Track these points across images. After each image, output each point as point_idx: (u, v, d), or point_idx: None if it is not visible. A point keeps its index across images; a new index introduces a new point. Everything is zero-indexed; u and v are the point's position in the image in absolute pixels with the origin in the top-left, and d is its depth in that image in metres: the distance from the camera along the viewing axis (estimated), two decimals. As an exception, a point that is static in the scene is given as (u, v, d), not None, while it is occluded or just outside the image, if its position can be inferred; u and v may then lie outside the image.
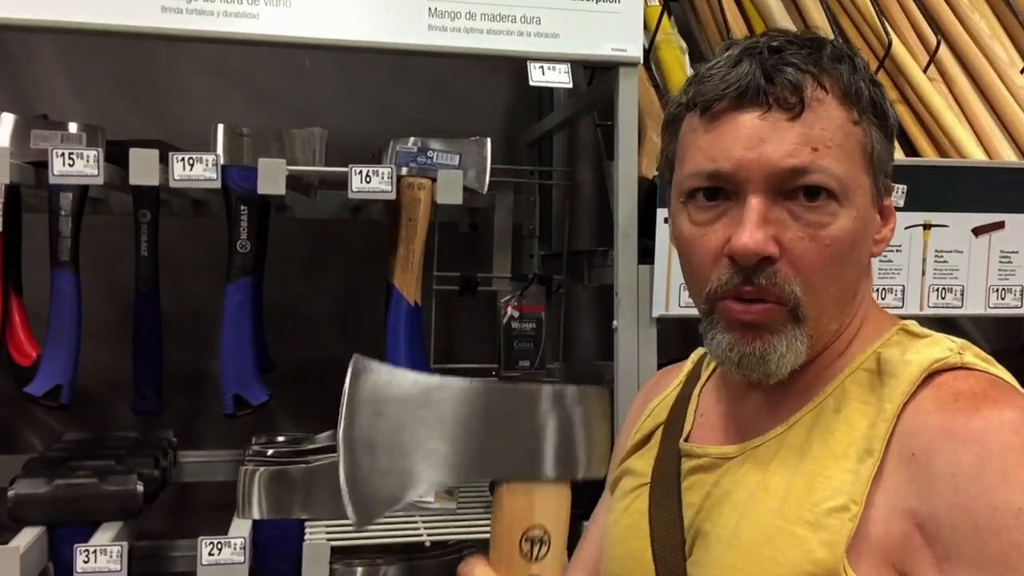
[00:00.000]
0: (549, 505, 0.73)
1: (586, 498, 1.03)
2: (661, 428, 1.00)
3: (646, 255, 1.47)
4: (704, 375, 1.02)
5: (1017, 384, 0.83)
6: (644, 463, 0.98)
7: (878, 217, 0.87)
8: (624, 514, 0.98)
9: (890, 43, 1.65)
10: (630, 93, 1.49)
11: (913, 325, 0.89)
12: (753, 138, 0.81)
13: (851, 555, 0.77)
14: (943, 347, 0.83)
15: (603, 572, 0.99)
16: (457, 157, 1.56)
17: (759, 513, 0.83)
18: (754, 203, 0.81)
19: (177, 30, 1.34)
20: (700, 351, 1.05)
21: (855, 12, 1.75)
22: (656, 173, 1.44)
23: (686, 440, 0.95)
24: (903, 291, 1.50)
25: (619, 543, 0.97)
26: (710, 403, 0.98)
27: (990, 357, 0.85)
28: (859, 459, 0.80)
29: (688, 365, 1.06)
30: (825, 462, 0.82)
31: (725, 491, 0.88)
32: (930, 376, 0.81)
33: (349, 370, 0.73)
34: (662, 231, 1.44)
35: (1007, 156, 1.59)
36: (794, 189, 0.81)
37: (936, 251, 1.50)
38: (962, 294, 1.51)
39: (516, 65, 1.45)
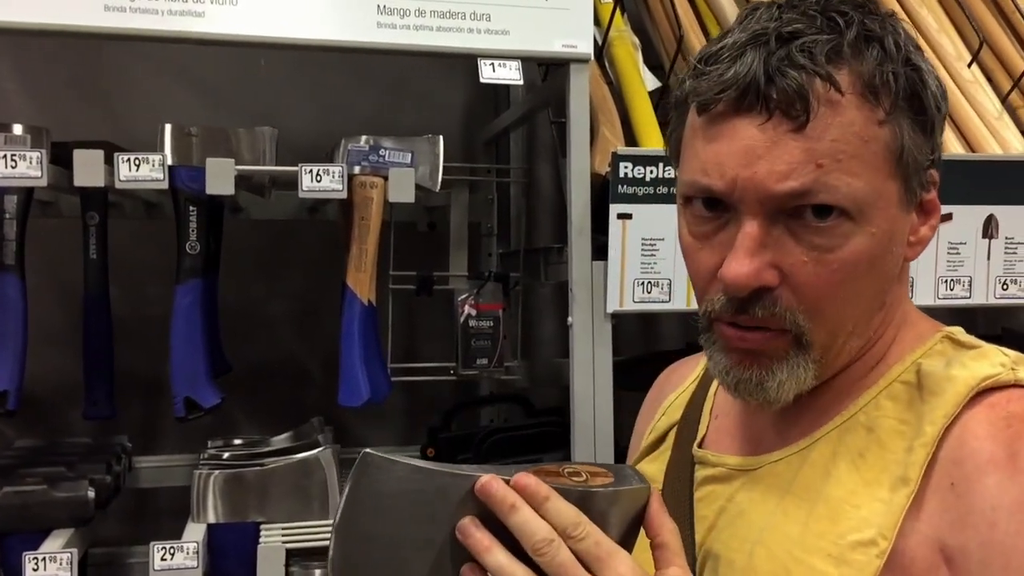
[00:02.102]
0: None
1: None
2: (675, 430, 0.92)
3: (600, 251, 1.47)
4: None
5: None
6: (657, 467, 0.91)
7: (913, 217, 0.76)
8: None
9: (839, 38, 1.67)
10: (581, 90, 1.49)
11: (959, 333, 0.80)
12: (749, 154, 0.71)
13: None
14: (993, 361, 0.74)
15: None
16: (409, 155, 1.55)
17: (776, 540, 0.75)
18: (749, 227, 0.71)
19: (121, 29, 1.33)
20: None
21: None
22: (608, 169, 1.45)
23: (700, 445, 0.88)
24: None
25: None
26: (726, 405, 0.89)
27: None
28: (892, 487, 0.72)
29: (704, 359, 0.94)
30: (853, 488, 0.73)
31: (740, 510, 0.80)
32: (979, 395, 0.72)
33: (356, 463, 0.68)
34: (615, 227, 1.44)
35: (954, 149, 1.61)
36: (796, 208, 0.71)
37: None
38: (912, 286, 1.52)
39: (471, 63, 1.45)
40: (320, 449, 1.57)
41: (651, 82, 1.68)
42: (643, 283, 1.46)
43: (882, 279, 0.76)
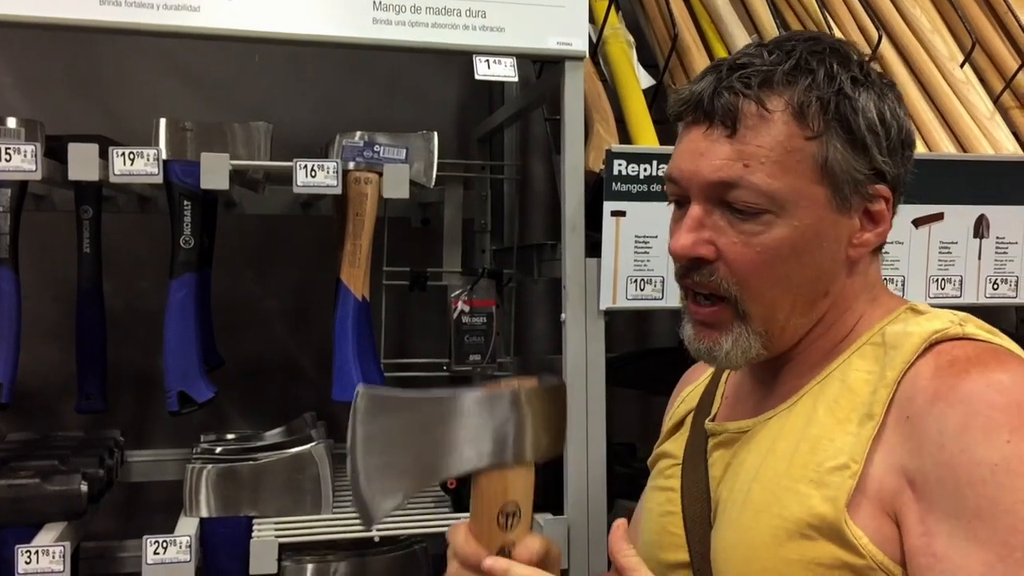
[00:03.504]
0: (519, 484, 0.86)
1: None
2: (692, 413, 1.08)
3: (594, 248, 1.48)
4: None
5: (1021, 352, 0.88)
6: (677, 446, 1.07)
7: (855, 222, 0.92)
8: (658, 492, 1.06)
9: (833, 36, 1.67)
10: (576, 87, 1.50)
11: (921, 305, 0.96)
12: (695, 152, 0.91)
13: (851, 508, 0.84)
14: (944, 319, 0.89)
15: (640, 546, 1.04)
16: (404, 151, 1.55)
17: (767, 476, 0.90)
18: (693, 210, 0.91)
19: (116, 23, 1.32)
20: None
21: (799, 7, 1.78)
22: (602, 167, 1.45)
23: (713, 420, 1.03)
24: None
25: (654, 519, 1.04)
26: (733, 388, 1.06)
27: (995, 329, 0.91)
28: (860, 423, 0.86)
29: None
30: (829, 426, 0.88)
31: (740, 461, 0.95)
32: (931, 346, 0.87)
33: (355, 401, 0.84)
34: (609, 224, 1.45)
35: (946, 148, 1.62)
36: (729, 200, 0.89)
37: (877, 243, 1.52)
38: (903, 284, 1.53)
39: (467, 59, 1.45)
40: (313, 444, 1.58)
41: (645, 80, 1.69)
42: (636, 280, 1.46)
43: (813, 268, 0.91)
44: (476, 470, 0.85)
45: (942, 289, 1.56)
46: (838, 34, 1.71)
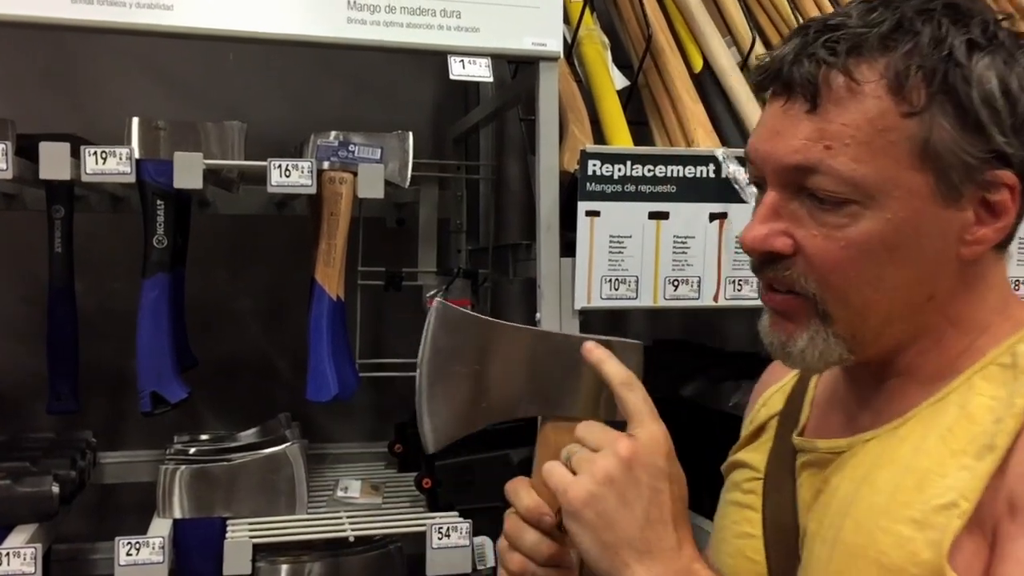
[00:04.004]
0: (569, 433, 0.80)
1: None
2: (776, 419, 0.95)
3: (568, 248, 1.48)
4: None
5: None
6: (758, 456, 0.94)
7: (967, 215, 0.77)
8: (734, 508, 0.94)
9: (805, 39, 1.69)
10: (551, 87, 1.50)
11: None
12: (772, 130, 0.78)
13: (952, 549, 0.72)
14: None
15: (718, 566, 0.94)
16: (379, 151, 1.55)
17: (863, 512, 0.78)
18: (768, 198, 0.79)
19: (87, 21, 1.31)
20: None
21: (771, 8, 1.79)
22: (577, 167, 1.46)
23: (801, 433, 0.91)
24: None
25: (728, 540, 0.93)
26: (826, 394, 0.92)
27: None
28: (978, 455, 0.74)
29: None
30: (941, 459, 0.76)
31: (833, 488, 0.83)
32: None
33: (431, 313, 0.81)
34: (583, 224, 1.45)
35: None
36: (808, 188, 0.77)
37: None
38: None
39: (442, 59, 1.45)
40: (287, 444, 1.57)
41: (620, 81, 1.70)
42: (610, 280, 1.47)
43: (912, 268, 0.78)
44: (544, 418, 0.82)
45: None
46: (810, 36, 1.72)
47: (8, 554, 1.32)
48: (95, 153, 1.34)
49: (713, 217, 1.49)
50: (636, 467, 0.74)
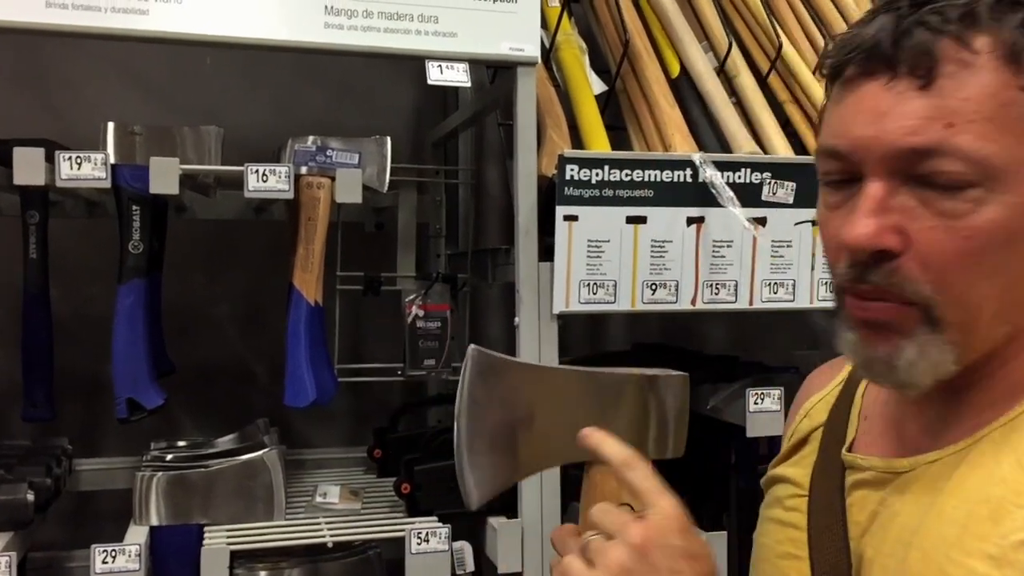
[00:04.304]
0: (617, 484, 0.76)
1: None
2: (820, 432, 0.89)
3: (547, 252, 1.49)
4: None
5: None
6: (801, 471, 0.88)
7: None
8: (776, 527, 0.88)
9: (780, 45, 1.71)
10: (528, 92, 1.51)
11: None
12: (874, 112, 0.69)
13: None
14: None
15: None
16: (357, 156, 1.55)
17: (931, 543, 0.71)
18: (872, 189, 0.69)
19: (62, 26, 1.31)
20: None
21: (747, 14, 1.80)
22: (555, 171, 1.46)
23: (849, 449, 0.84)
24: (794, 285, 1.54)
25: (771, 560, 0.87)
26: (876, 406, 0.85)
27: None
28: None
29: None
30: (1018, 488, 0.68)
31: (893, 512, 0.76)
32: None
33: (467, 361, 0.77)
34: (562, 229, 1.46)
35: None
36: (923, 174, 0.68)
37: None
38: None
39: (420, 64, 1.45)
40: (265, 450, 1.57)
41: (598, 86, 1.70)
42: (589, 284, 1.48)
43: (1019, 257, 0.70)
44: (590, 463, 0.76)
45: None
46: (785, 41, 1.74)
47: (-18, 563, 1.31)
48: (70, 158, 1.33)
49: (690, 221, 1.50)
50: (651, 552, 0.69)
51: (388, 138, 1.59)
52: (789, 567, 0.83)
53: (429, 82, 1.45)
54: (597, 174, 1.46)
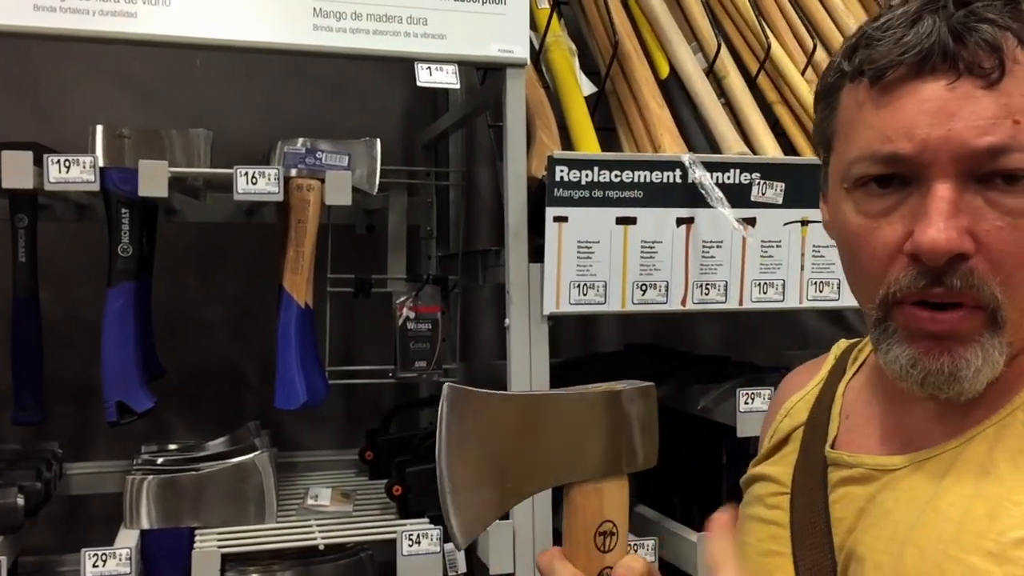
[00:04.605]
0: (616, 500, 0.76)
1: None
2: (801, 430, 0.89)
3: (537, 254, 1.49)
4: (850, 372, 0.91)
5: None
6: (782, 469, 0.88)
7: None
8: (758, 524, 0.88)
9: (769, 46, 1.71)
10: (518, 94, 1.51)
11: None
12: (941, 112, 0.68)
13: None
14: None
15: None
16: (346, 158, 1.55)
17: (928, 540, 0.71)
18: (942, 191, 0.68)
19: (50, 29, 1.30)
20: (843, 344, 0.96)
21: (736, 16, 1.81)
22: (545, 173, 1.46)
23: (832, 446, 0.84)
24: (783, 285, 1.55)
25: (753, 558, 0.86)
26: (858, 405, 0.86)
27: None
28: None
29: (830, 360, 0.95)
30: (1014, 485, 0.69)
31: (885, 510, 0.76)
32: None
33: (442, 400, 0.75)
34: (552, 230, 1.46)
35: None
36: (989, 172, 0.68)
37: (814, 246, 1.56)
38: (839, 287, 1.56)
39: (410, 66, 1.45)
40: (256, 453, 1.57)
41: (587, 87, 1.71)
42: (579, 285, 1.48)
43: None
44: (574, 482, 0.76)
45: None
46: (774, 42, 1.74)
47: (-28, 568, 1.30)
48: (58, 162, 1.33)
49: (680, 222, 1.50)
50: None
51: (378, 140, 1.59)
52: (772, 564, 0.83)
53: (418, 84, 1.45)
54: (587, 175, 1.46)
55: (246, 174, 1.40)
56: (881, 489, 0.77)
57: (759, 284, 1.54)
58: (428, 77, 1.45)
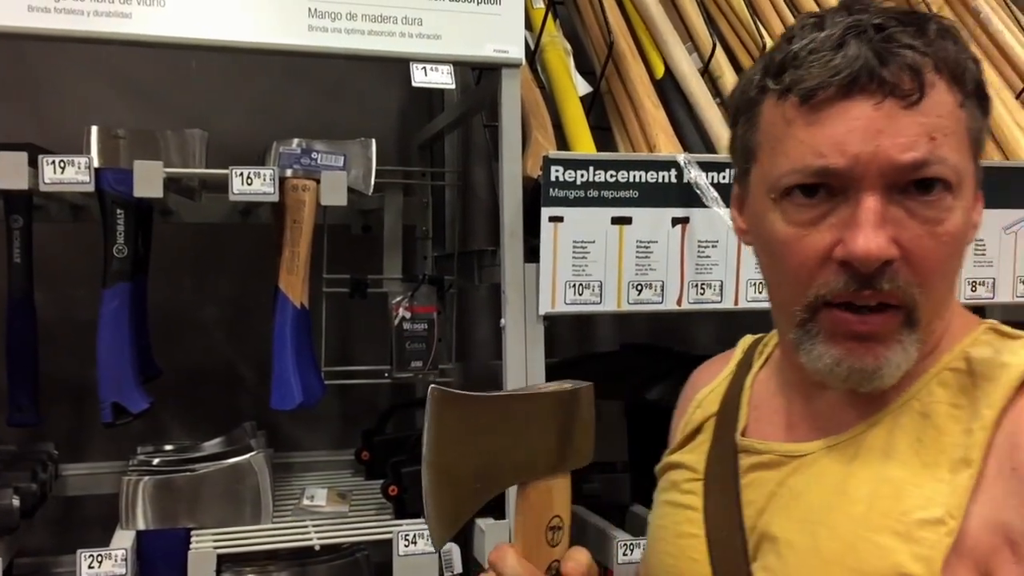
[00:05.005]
0: (563, 496, 0.80)
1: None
2: (713, 421, 0.95)
3: (533, 254, 1.49)
4: (756, 364, 0.97)
5: None
6: (696, 457, 0.94)
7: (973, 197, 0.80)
8: (673, 509, 0.93)
9: (764, 45, 1.71)
10: (513, 94, 1.51)
11: (1001, 325, 0.83)
12: (869, 130, 0.73)
13: (944, 569, 0.72)
14: None
15: (651, 568, 0.94)
16: (342, 158, 1.55)
17: (839, 520, 0.77)
18: (872, 203, 0.74)
19: (44, 30, 1.30)
20: (748, 339, 1.02)
21: (731, 14, 1.81)
22: (540, 173, 1.46)
23: (743, 435, 0.90)
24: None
25: (669, 540, 0.92)
26: (766, 396, 0.92)
27: None
28: (953, 469, 0.74)
29: (738, 354, 1.01)
30: (915, 468, 0.76)
31: (796, 492, 0.82)
32: None
33: (428, 402, 0.77)
34: (547, 230, 1.46)
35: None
36: (908, 183, 0.74)
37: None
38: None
39: (405, 66, 1.45)
40: (252, 454, 1.56)
41: (583, 87, 1.71)
42: (574, 285, 1.48)
43: (963, 258, 0.79)
44: (524, 482, 0.79)
45: (974, 291, 1.61)
46: (769, 42, 1.74)
47: (-33, 569, 1.30)
48: (53, 162, 1.33)
49: (675, 222, 1.50)
50: None
51: (373, 140, 1.59)
52: (687, 545, 0.89)
53: (414, 84, 1.44)
54: (582, 175, 1.46)
55: (241, 175, 1.40)
56: (791, 473, 0.83)
57: (754, 284, 1.54)
58: (423, 77, 1.45)
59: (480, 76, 1.80)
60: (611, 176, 1.47)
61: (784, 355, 0.90)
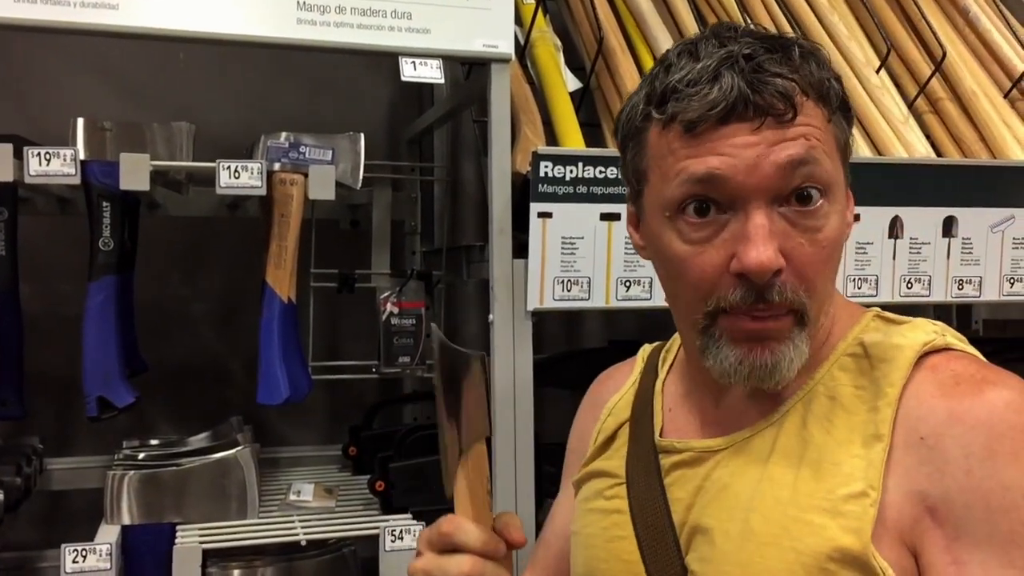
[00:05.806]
0: (486, 459, 0.84)
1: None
2: (627, 427, 0.98)
3: (521, 250, 1.49)
4: (662, 371, 1.01)
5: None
6: (615, 463, 0.97)
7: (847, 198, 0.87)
8: (600, 515, 0.95)
9: (754, 42, 1.71)
10: (502, 89, 1.50)
11: (884, 312, 0.90)
12: (749, 144, 0.79)
13: (874, 539, 0.76)
14: (927, 330, 0.85)
15: (584, 574, 0.96)
16: (330, 152, 1.54)
17: (768, 505, 0.82)
18: (759, 217, 0.79)
19: (31, 20, 1.29)
20: (648, 347, 1.06)
21: (721, 11, 1.81)
22: (529, 168, 1.46)
23: (661, 436, 0.94)
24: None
25: (600, 546, 0.94)
26: (676, 398, 0.97)
27: (963, 337, 0.87)
28: (865, 444, 0.80)
29: (639, 363, 1.05)
30: (830, 448, 0.82)
31: (722, 485, 0.86)
32: (921, 358, 0.82)
33: (433, 343, 0.82)
34: (536, 226, 1.46)
35: (862, 152, 1.67)
36: (787, 196, 0.80)
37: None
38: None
39: (395, 60, 1.45)
40: (238, 448, 1.56)
41: (572, 83, 1.70)
42: (563, 281, 1.48)
43: (840, 255, 0.86)
44: (474, 442, 0.82)
45: (859, 288, 1.60)
46: (759, 39, 1.75)
47: (-50, 564, 1.29)
48: (39, 154, 1.32)
49: (664, 218, 1.50)
50: None
51: (362, 135, 1.59)
52: (618, 548, 0.91)
53: (403, 78, 1.44)
54: (571, 171, 1.46)
55: (229, 168, 1.39)
56: (714, 468, 0.88)
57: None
58: (412, 72, 1.45)
59: (469, 71, 1.79)
60: (600, 172, 1.47)
61: (689, 359, 0.94)
